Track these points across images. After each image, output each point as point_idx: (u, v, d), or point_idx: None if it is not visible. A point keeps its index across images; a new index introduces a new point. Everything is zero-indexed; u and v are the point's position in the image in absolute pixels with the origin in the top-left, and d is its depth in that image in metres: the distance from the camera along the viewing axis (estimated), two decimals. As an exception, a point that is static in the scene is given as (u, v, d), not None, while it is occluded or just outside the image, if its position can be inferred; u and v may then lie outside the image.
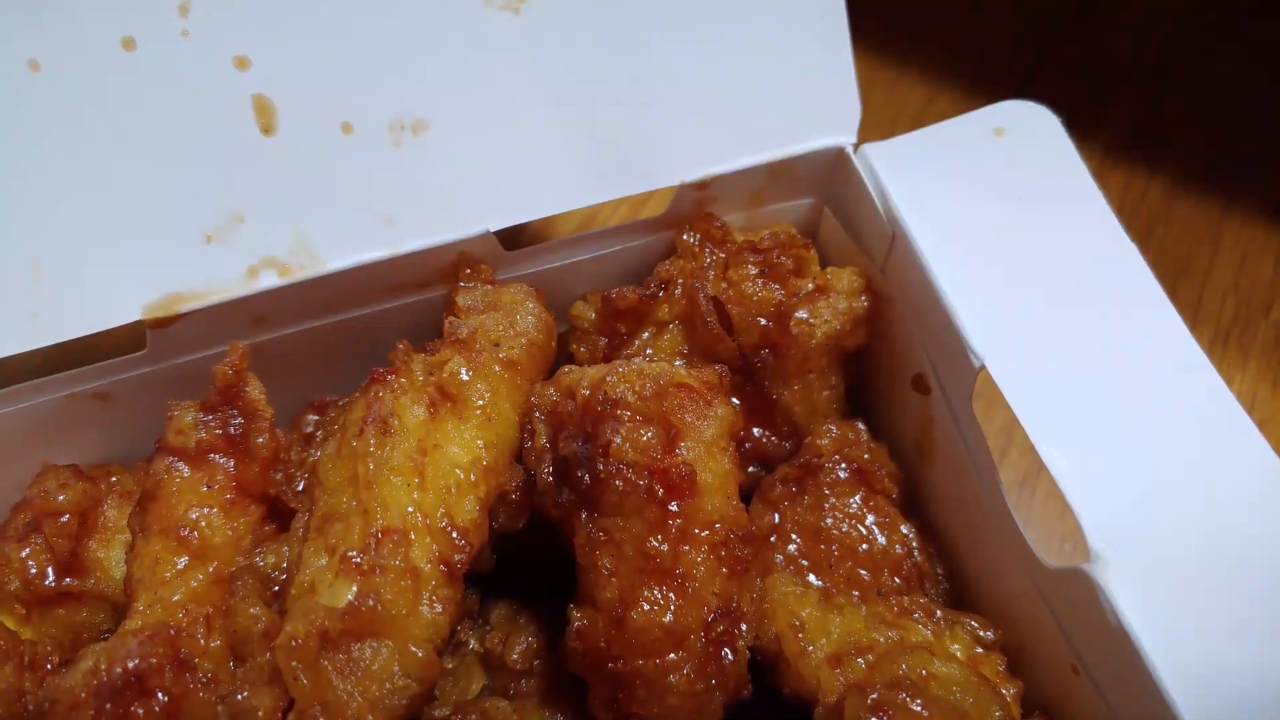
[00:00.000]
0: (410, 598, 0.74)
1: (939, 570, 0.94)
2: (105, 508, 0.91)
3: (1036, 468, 1.00)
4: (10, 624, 0.86)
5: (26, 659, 0.79)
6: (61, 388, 0.93)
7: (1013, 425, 0.83)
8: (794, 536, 0.92)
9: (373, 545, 0.75)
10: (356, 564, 0.74)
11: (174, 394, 0.89)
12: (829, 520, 0.92)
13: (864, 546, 0.92)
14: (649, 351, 0.95)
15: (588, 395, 0.82)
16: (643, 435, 0.79)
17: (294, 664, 0.70)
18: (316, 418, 0.98)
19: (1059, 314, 0.86)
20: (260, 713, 0.71)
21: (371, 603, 0.72)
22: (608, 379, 0.81)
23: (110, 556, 0.90)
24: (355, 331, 0.98)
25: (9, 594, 0.87)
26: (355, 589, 0.73)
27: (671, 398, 0.82)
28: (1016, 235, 0.90)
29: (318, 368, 0.98)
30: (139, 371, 0.94)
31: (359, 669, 0.73)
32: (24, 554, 0.87)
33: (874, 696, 0.74)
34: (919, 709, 0.74)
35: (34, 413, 0.93)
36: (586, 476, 0.79)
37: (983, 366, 0.85)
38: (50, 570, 0.87)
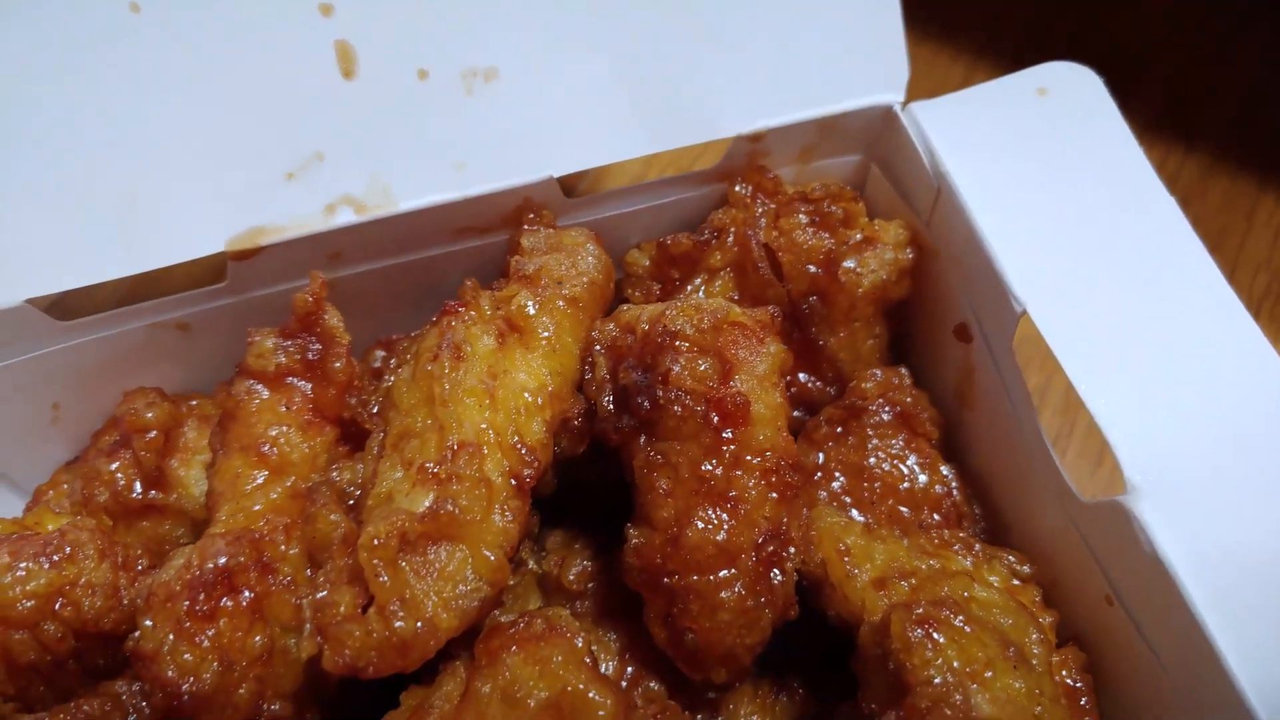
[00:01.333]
0: (484, 505, 0.79)
1: (976, 510, 0.98)
2: (185, 429, 0.96)
3: (1074, 408, 1.03)
4: (99, 533, 0.91)
5: (120, 559, 0.84)
6: (145, 317, 0.98)
7: (1052, 368, 0.87)
8: (838, 475, 0.97)
9: (449, 457, 0.80)
10: (434, 474, 0.79)
11: (251, 325, 0.94)
12: (872, 460, 0.96)
13: (905, 485, 0.96)
14: (701, 295, 1.00)
15: (647, 329, 0.86)
16: (700, 365, 0.83)
17: (375, 562, 0.75)
18: (384, 353, 1.03)
19: (1099, 263, 0.90)
20: (342, 608, 0.76)
21: (450, 507, 0.77)
22: (667, 313, 0.85)
23: (190, 475, 0.95)
24: (422, 272, 1.02)
25: (98, 505, 0.92)
26: (433, 496, 0.78)
27: (726, 334, 0.86)
28: (1059, 189, 0.94)
29: (385, 307, 1.03)
30: (218, 303, 0.99)
31: (435, 570, 0.77)
32: (113, 468, 0.92)
33: (919, 611, 0.78)
34: (961, 624, 0.78)
35: (117, 341, 0.99)
36: (646, 403, 0.83)
37: (1024, 312, 0.89)
38: (137, 483, 0.92)
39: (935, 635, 0.77)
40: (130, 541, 0.91)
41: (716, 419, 0.83)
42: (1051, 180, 0.95)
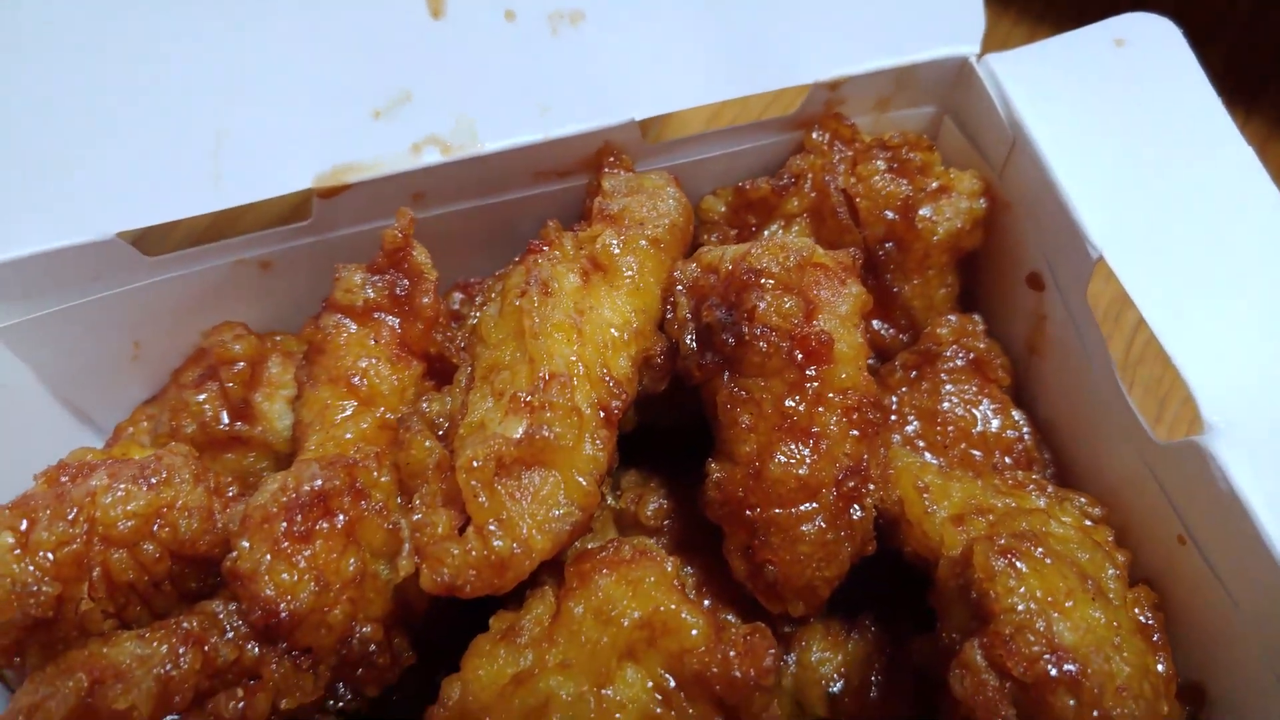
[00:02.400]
0: (576, 433, 0.80)
1: (1045, 456, 1.00)
2: (269, 364, 0.98)
3: (1149, 351, 1.04)
4: (187, 463, 0.93)
5: (212, 485, 0.85)
6: (228, 254, 1.00)
7: (1126, 312, 0.88)
8: (911, 419, 0.98)
9: (540, 386, 0.81)
10: (526, 402, 0.81)
11: (332, 265, 0.95)
12: (945, 404, 0.98)
13: (977, 429, 0.97)
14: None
15: (731, 268, 0.88)
16: (785, 303, 0.84)
17: (473, 484, 0.77)
18: (461, 296, 1.04)
19: (1175, 211, 0.91)
20: (440, 528, 0.77)
21: (545, 433, 0.78)
22: (752, 251, 0.87)
23: (274, 409, 0.97)
24: (500, 216, 1.04)
25: (184, 437, 0.94)
26: (526, 423, 0.79)
27: (809, 274, 0.88)
28: (1135, 139, 0.95)
29: (463, 251, 1.05)
30: (301, 242, 1.00)
31: (529, 493, 0.79)
32: (200, 399, 0.94)
33: (1001, 542, 0.80)
34: (1041, 555, 0.80)
35: (200, 278, 1.00)
36: (731, 340, 0.85)
37: (1100, 258, 0.90)
38: (224, 414, 0.94)
39: (1018, 564, 0.78)
40: (218, 471, 0.93)
41: (800, 356, 0.84)
42: (1128, 130, 0.95)
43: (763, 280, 0.85)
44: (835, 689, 0.93)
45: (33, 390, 1.01)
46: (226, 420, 0.94)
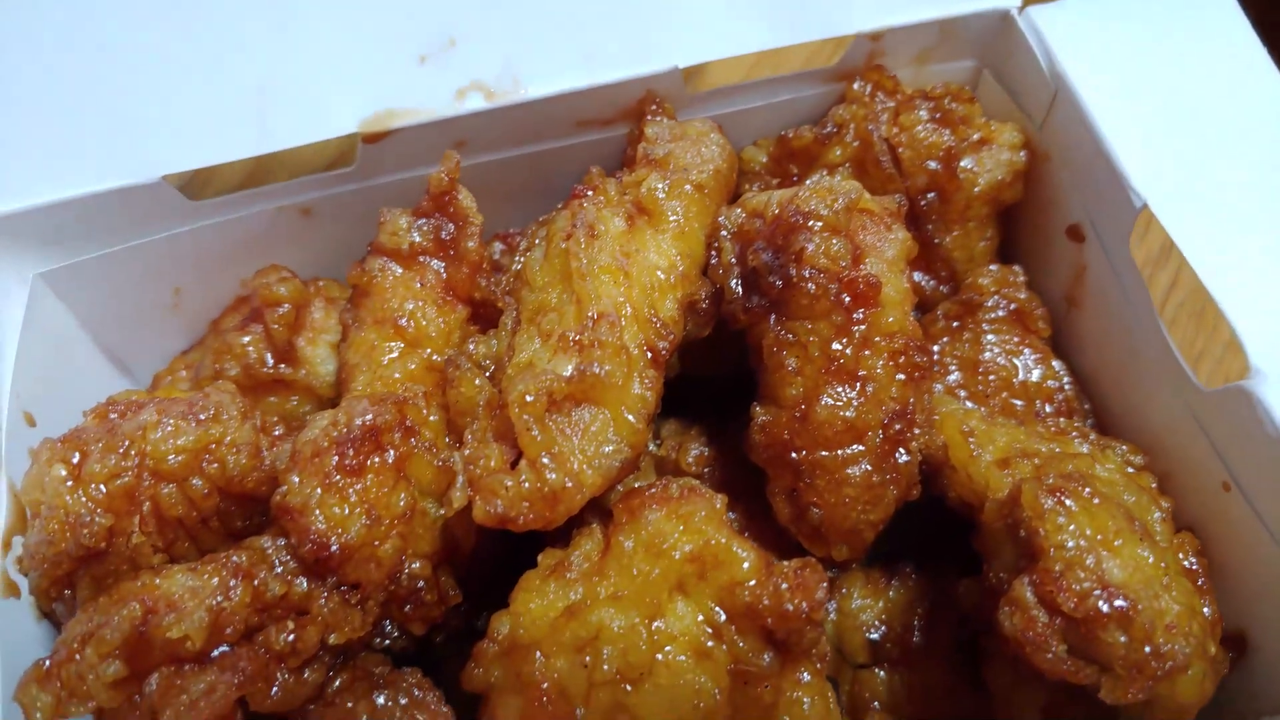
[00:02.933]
0: (625, 371, 0.81)
1: (1086, 406, 1.00)
2: (313, 309, 0.98)
3: (1193, 298, 1.04)
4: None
5: (259, 424, 0.86)
6: (270, 200, 1.00)
7: (1170, 259, 0.88)
8: (953, 369, 0.98)
9: (589, 325, 0.81)
10: (575, 341, 0.81)
11: (374, 213, 0.95)
12: (987, 354, 0.98)
13: (1019, 379, 0.98)
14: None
15: (778, 211, 0.88)
16: (833, 245, 0.84)
17: (526, 418, 0.77)
18: (502, 246, 1.04)
19: (1220, 157, 0.91)
20: (492, 461, 0.78)
21: (596, 369, 0.78)
22: (799, 194, 0.87)
23: (317, 354, 0.97)
24: (542, 165, 1.04)
25: (228, 379, 0.94)
26: (576, 361, 0.80)
27: (856, 219, 0.88)
28: (1178, 87, 0.95)
29: (504, 201, 1.05)
30: (344, 189, 1.00)
31: (580, 430, 0.79)
32: (244, 341, 0.94)
33: (1050, 481, 0.80)
34: (1089, 495, 0.80)
35: (241, 225, 1.01)
36: (778, 282, 0.85)
37: (1144, 206, 0.90)
38: (268, 356, 0.94)
39: (1067, 502, 0.78)
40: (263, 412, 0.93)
41: (848, 299, 0.85)
42: (1171, 79, 0.96)
43: (810, 222, 0.85)
44: (875, 636, 0.93)
45: (75, 337, 1.01)
46: (270, 363, 0.94)
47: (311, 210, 1.02)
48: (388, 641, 0.85)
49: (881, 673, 0.93)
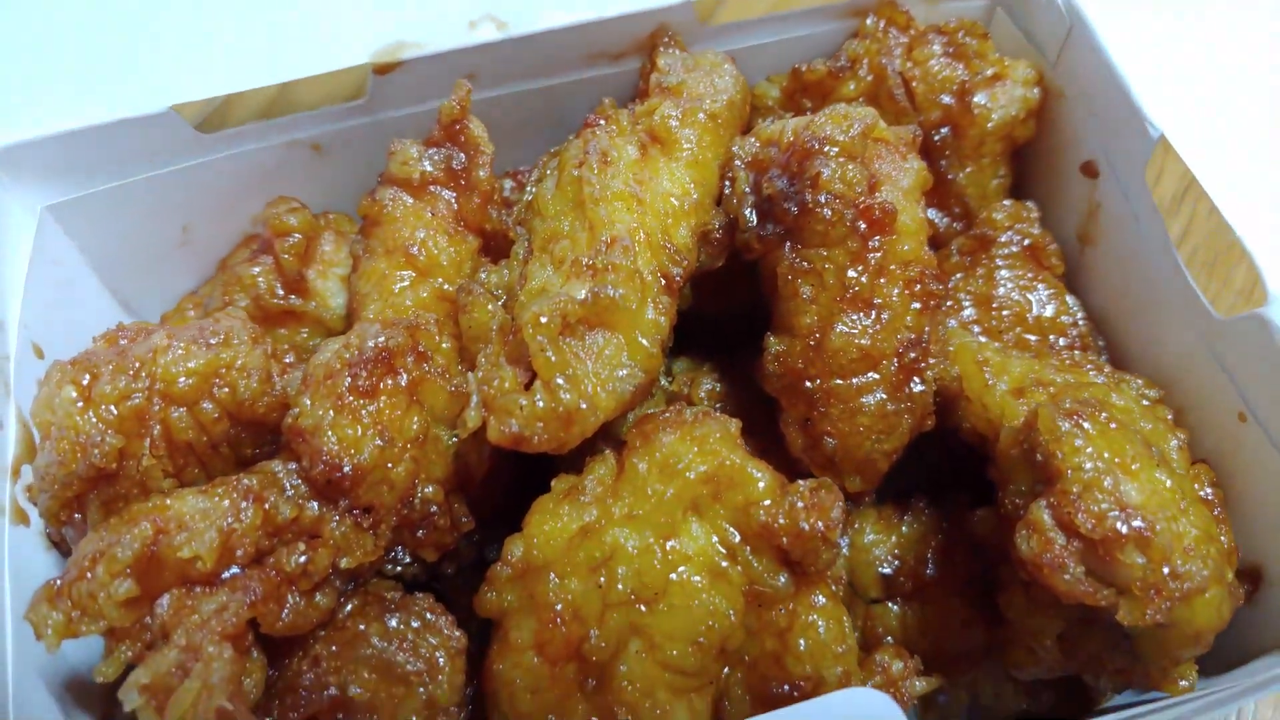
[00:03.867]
0: (639, 295, 0.80)
1: (1100, 343, 0.99)
2: (323, 241, 0.97)
3: (1210, 226, 1.03)
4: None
5: (269, 349, 0.85)
6: (281, 134, 0.99)
7: (1187, 190, 0.87)
8: (967, 304, 0.98)
9: (603, 250, 0.81)
10: (589, 265, 0.80)
11: (384, 149, 0.94)
12: (1000, 289, 0.97)
13: (1033, 314, 0.97)
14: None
15: (793, 138, 0.87)
16: (849, 170, 0.83)
17: (540, 339, 0.76)
18: (511, 184, 1.04)
19: (1237, 85, 0.91)
20: (505, 383, 0.77)
21: (610, 291, 0.78)
22: (816, 119, 0.86)
23: (327, 286, 0.96)
24: (554, 101, 1.03)
25: (239, 310, 0.93)
26: (590, 284, 0.79)
27: (871, 148, 0.87)
28: (1192, 16, 0.94)
29: (513, 138, 1.04)
30: (354, 122, 1.00)
31: (593, 354, 0.79)
32: (255, 271, 0.93)
33: (1067, 405, 0.79)
34: (1105, 420, 0.79)
35: (252, 159, 1.00)
36: (794, 208, 0.84)
37: (1161, 136, 0.89)
38: (278, 287, 0.93)
39: (1085, 424, 0.78)
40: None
41: (864, 227, 0.84)
42: (1188, 11, 0.95)
43: (826, 148, 0.84)
44: (888, 570, 0.93)
45: (81, 274, 1.01)
46: (281, 293, 0.93)
47: (322, 146, 1.01)
48: (399, 569, 0.84)
49: (894, 607, 0.92)
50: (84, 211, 0.97)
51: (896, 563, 0.92)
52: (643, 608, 0.75)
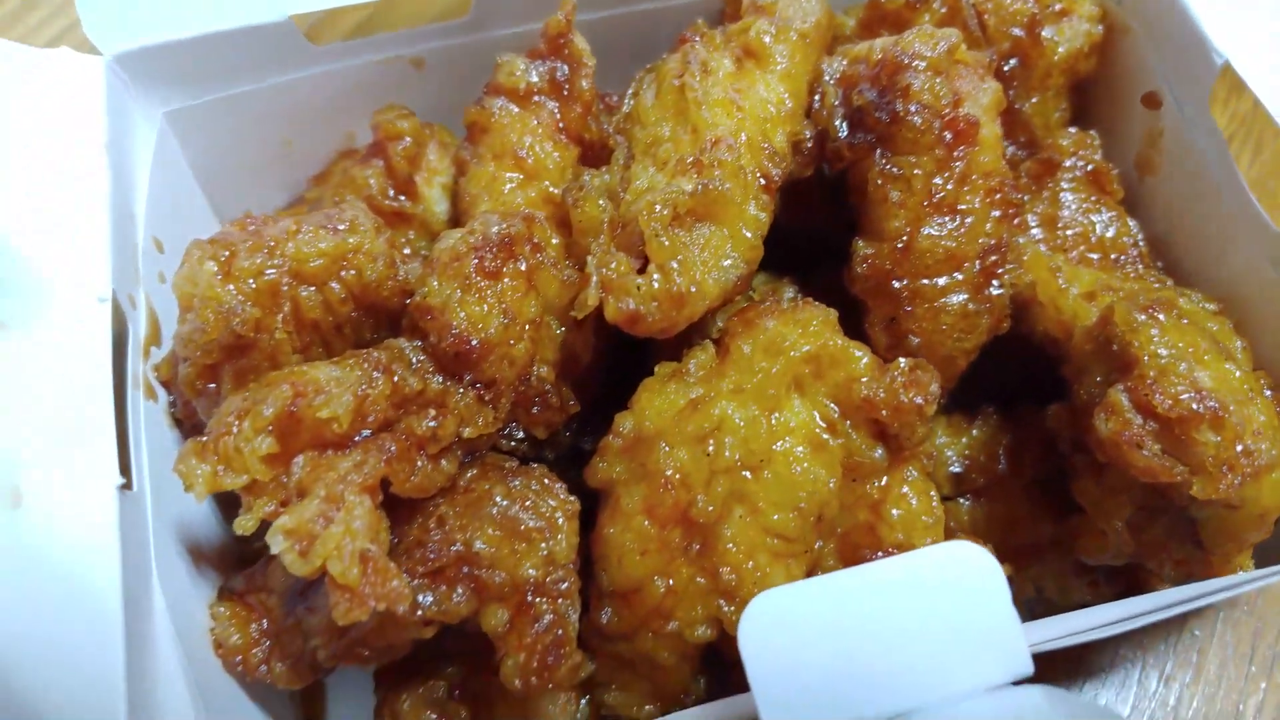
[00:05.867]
0: (743, 189, 0.85)
1: (1159, 265, 1.05)
2: (428, 150, 1.02)
3: (1273, 150, 1.09)
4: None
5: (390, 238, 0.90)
6: (383, 50, 1.04)
7: (1253, 115, 0.93)
8: (1033, 224, 1.03)
9: (708, 148, 0.86)
10: (694, 161, 0.85)
11: (482, 67, 0.99)
12: (1065, 211, 1.03)
13: (1096, 235, 1.02)
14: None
15: (882, 56, 0.92)
16: (937, 83, 0.89)
17: (654, 225, 0.81)
18: (602, 107, 1.08)
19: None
20: (621, 267, 0.82)
21: (717, 184, 0.83)
22: (904, 37, 0.91)
23: (431, 194, 1.01)
24: (644, 27, 1.08)
25: (359, 202, 0.98)
26: (697, 178, 0.84)
27: (954, 67, 0.93)
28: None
29: (606, 66, 1.08)
30: (456, 40, 1.05)
31: (700, 243, 0.84)
32: (367, 173, 0.98)
33: (1142, 299, 0.85)
34: (1176, 316, 0.85)
35: (354, 74, 1.05)
36: (885, 116, 0.89)
37: (1226, 63, 0.95)
38: (390, 189, 0.98)
39: (1159, 315, 0.83)
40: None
41: (949, 137, 0.90)
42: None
43: (915, 62, 0.90)
44: (959, 469, 0.98)
45: (184, 178, 1.05)
46: (392, 194, 0.98)
47: (424, 62, 1.06)
48: (511, 443, 0.89)
49: (965, 502, 0.97)
50: (196, 119, 1.01)
51: (967, 461, 0.98)
52: (747, 475, 0.80)
